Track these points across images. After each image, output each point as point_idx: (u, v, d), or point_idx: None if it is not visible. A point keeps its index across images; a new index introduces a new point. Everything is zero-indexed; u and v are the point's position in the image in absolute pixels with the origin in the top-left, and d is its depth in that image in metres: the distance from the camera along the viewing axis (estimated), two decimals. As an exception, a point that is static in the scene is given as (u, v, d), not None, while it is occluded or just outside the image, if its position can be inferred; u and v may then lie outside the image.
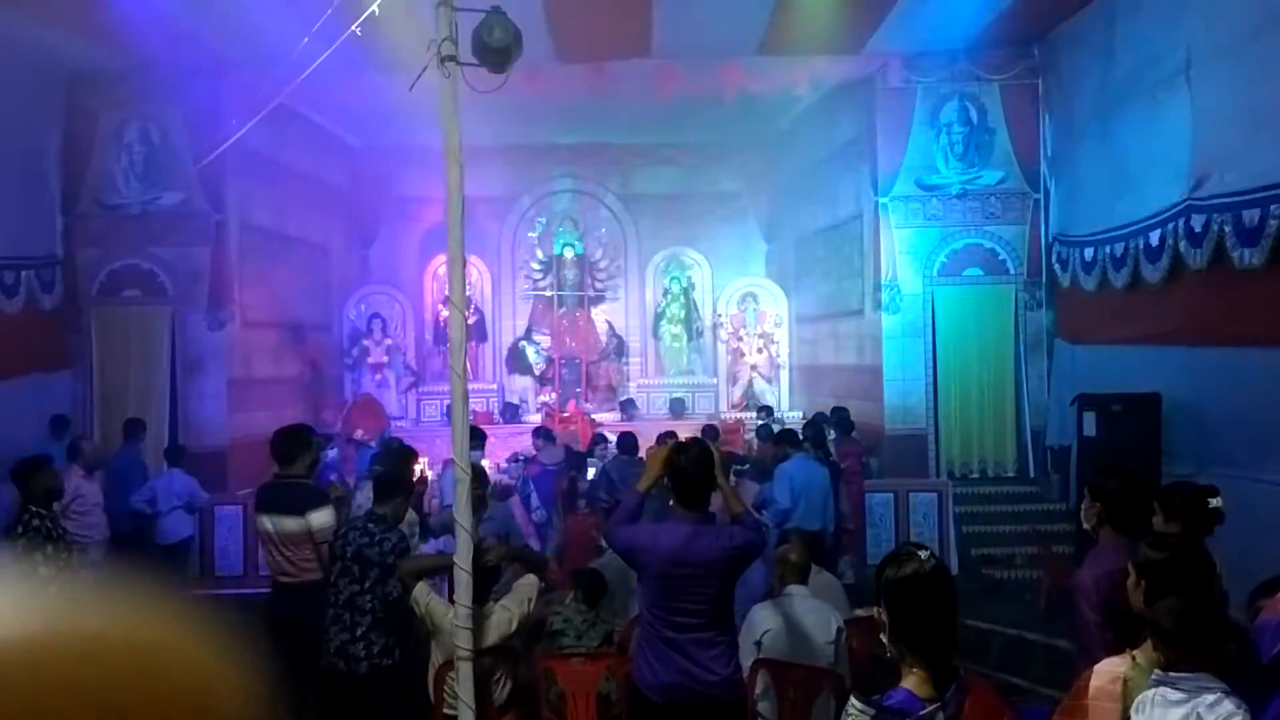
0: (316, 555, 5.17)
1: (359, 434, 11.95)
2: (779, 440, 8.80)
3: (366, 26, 6.67)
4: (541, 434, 10.62)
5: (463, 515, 4.19)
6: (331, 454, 9.50)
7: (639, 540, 3.88)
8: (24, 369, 10.44)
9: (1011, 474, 11.49)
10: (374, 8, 7.09)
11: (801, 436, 8.83)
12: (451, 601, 4.33)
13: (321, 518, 5.17)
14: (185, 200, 11.47)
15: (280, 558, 5.25)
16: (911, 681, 2.29)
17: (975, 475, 11.51)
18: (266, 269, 12.59)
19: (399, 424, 14.03)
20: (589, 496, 9.04)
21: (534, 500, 8.93)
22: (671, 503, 3.96)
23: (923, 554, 2.38)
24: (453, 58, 4.20)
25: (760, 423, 11.51)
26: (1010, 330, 11.57)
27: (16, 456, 5.82)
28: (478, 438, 8.03)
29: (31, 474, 5.43)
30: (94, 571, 7.60)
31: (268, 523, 5.24)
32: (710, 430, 10.21)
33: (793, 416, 14.18)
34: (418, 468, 10.14)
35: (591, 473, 9.73)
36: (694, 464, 3.87)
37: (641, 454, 8.74)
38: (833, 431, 10.09)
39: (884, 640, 2.38)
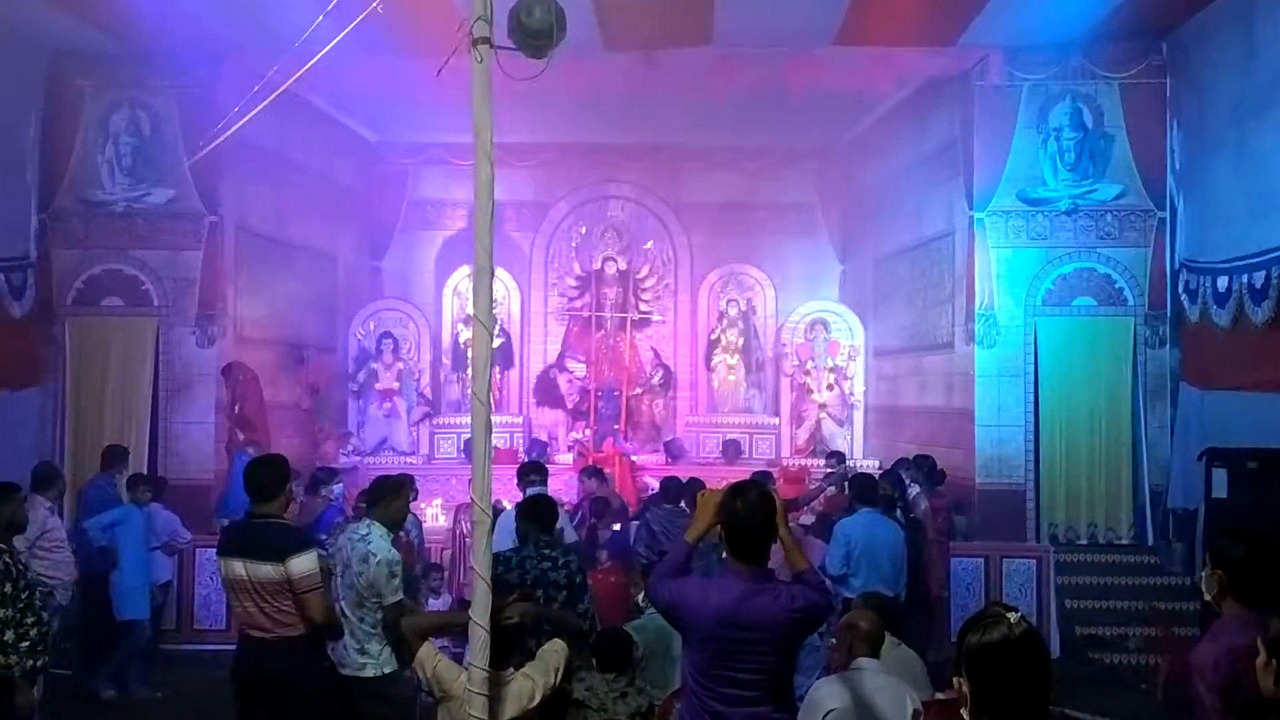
0: (297, 607, 5.18)
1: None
2: (850, 490, 8.74)
3: (388, 3, 6.76)
4: (591, 473, 10.64)
5: (481, 563, 4.21)
6: (337, 489, 9.57)
7: (687, 596, 3.87)
8: (-12, 384, 10.61)
9: (1126, 541, 11.34)
10: (398, -18, 7.17)
11: (879, 487, 8.76)
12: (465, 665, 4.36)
13: (303, 564, 5.16)
14: (176, 198, 11.68)
15: (253, 609, 5.24)
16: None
17: (1082, 541, 11.38)
18: (265, 279, 12.79)
19: (408, 461, 14.15)
20: (615, 550, 9.01)
21: (602, 556, 8.85)
22: (724, 555, 3.96)
23: (1012, 616, 2.37)
24: (486, 40, 4.21)
25: (829, 470, 11.42)
26: (1127, 371, 11.47)
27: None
28: (539, 472, 8.15)
29: (-5, 503, 5.47)
30: (59, 619, 7.77)
31: (240, 568, 5.21)
32: (764, 476, 10.16)
33: (867, 465, 14.10)
34: (425, 511, 10.19)
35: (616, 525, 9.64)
36: (752, 510, 3.86)
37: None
38: (914, 485, 10.01)
39: (965, 718, 2.36)
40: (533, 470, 8.23)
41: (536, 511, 6.22)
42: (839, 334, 15.59)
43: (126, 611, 8.87)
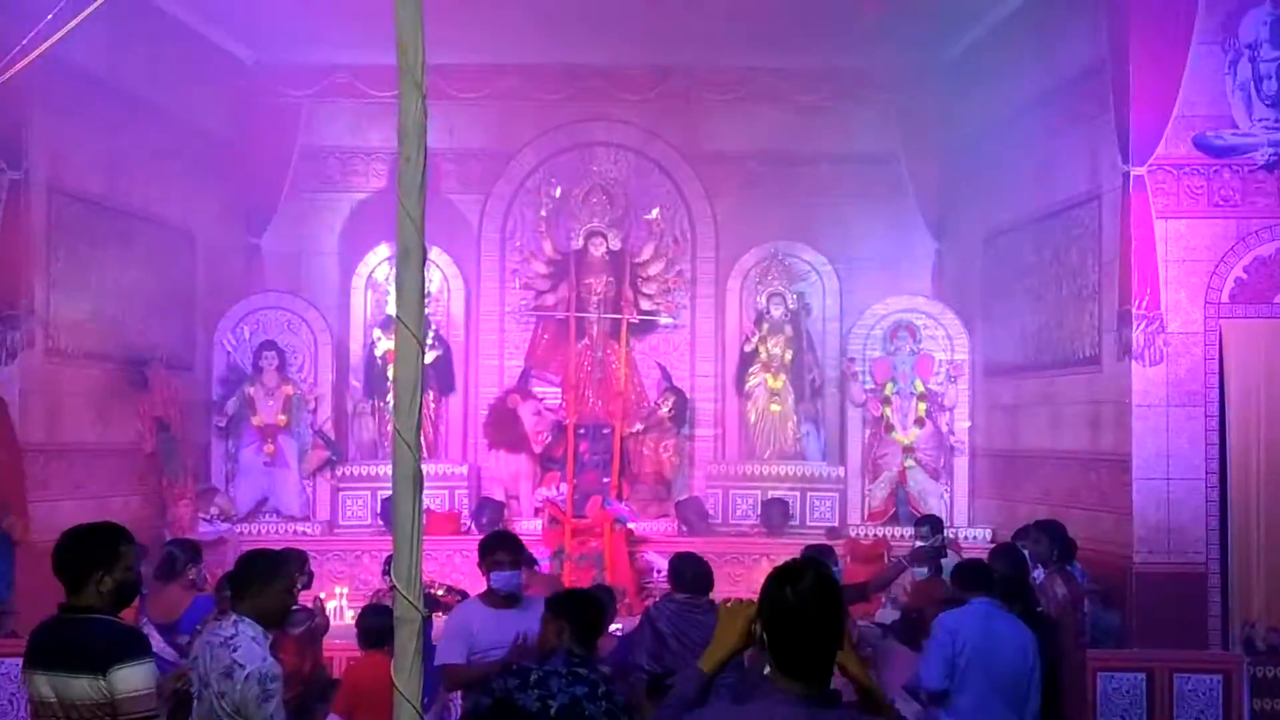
0: None
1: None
2: (954, 575, 8.68)
3: None
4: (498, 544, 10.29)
5: (407, 684, 4.19)
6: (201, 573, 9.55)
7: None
8: None
9: (1355, 648, 11.26)
10: None
11: (993, 571, 8.70)
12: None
13: (133, 678, 5.06)
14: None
15: None
16: None
17: (1291, 649, 11.31)
18: (91, 264, 12.79)
19: (299, 530, 14.25)
20: (619, 661, 8.94)
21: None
22: (767, 671, 3.92)
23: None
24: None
25: (920, 544, 11.34)
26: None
27: None
28: (509, 549, 7.90)
29: None
30: None
31: (44, 684, 5.19)
32: (822, 553, 10.08)
33: (975, 537, 14.05)
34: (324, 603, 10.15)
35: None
36: (807, 602, 3.79)
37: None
38: (1040, 565, 9.97)
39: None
40: (499, 546, 8.04)
41: (578, 609, 6.20)
42: (933, 345, 15.62)
43: None
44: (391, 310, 12.83)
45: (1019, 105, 14.32)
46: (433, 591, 10.83)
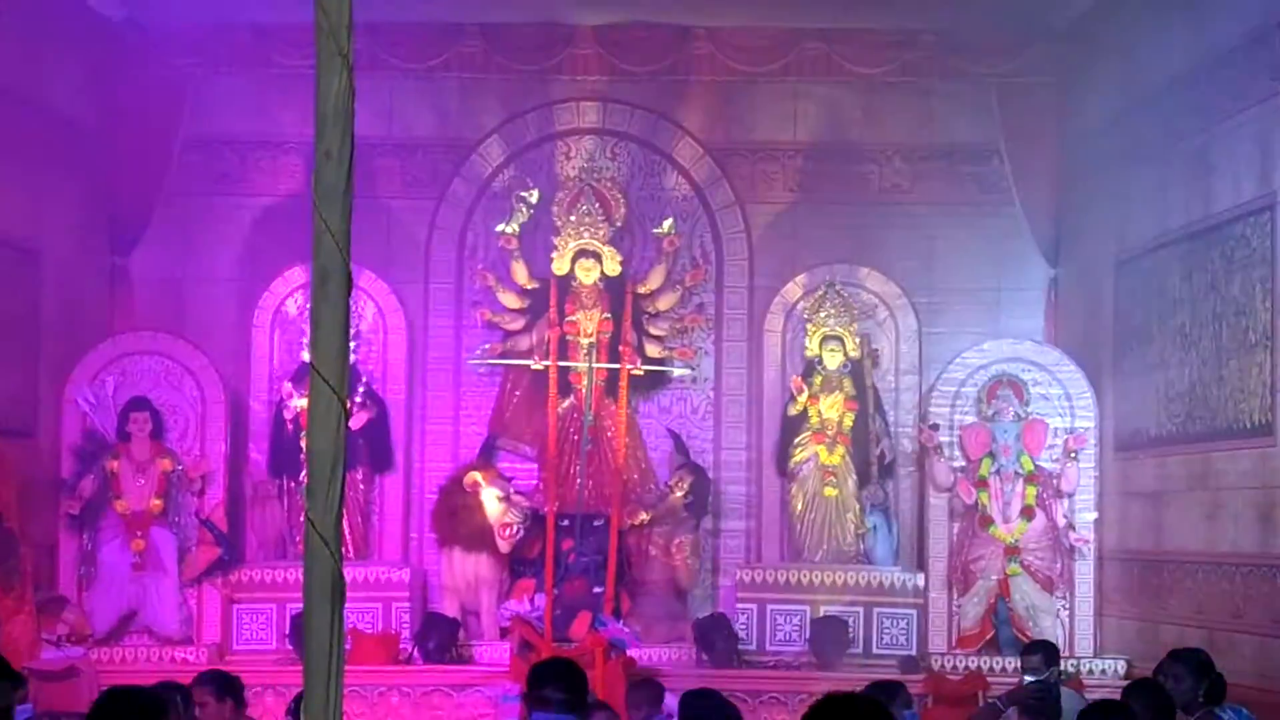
0: None
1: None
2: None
3: None
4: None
5: None
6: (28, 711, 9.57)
7: None
8: None
9: None
10: None
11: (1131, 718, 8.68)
12: None
13: None
14: None
15: None
16: None
17: None
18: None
19: (181, 657, 14.08)
20: None
21: None
22: None
23: None
24: None
25: (1029, 680, 11.29)
26: None
27: None
28: (566, 684, 7.81)
29: None
30: None
31: None
32: (890, 691, 10.06)
33: (1104, 670, 14.09)
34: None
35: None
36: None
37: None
38: (1182, 709, 9.92)
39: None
40: (553, 678, 7.84)
41: None
42: (1046, 407, 15.67)
43: None
44: (307, 356, 12.77)
45: (1161, 84, 14.37)
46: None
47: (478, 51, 16.43)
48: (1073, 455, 15.47)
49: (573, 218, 16.54)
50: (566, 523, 15.81)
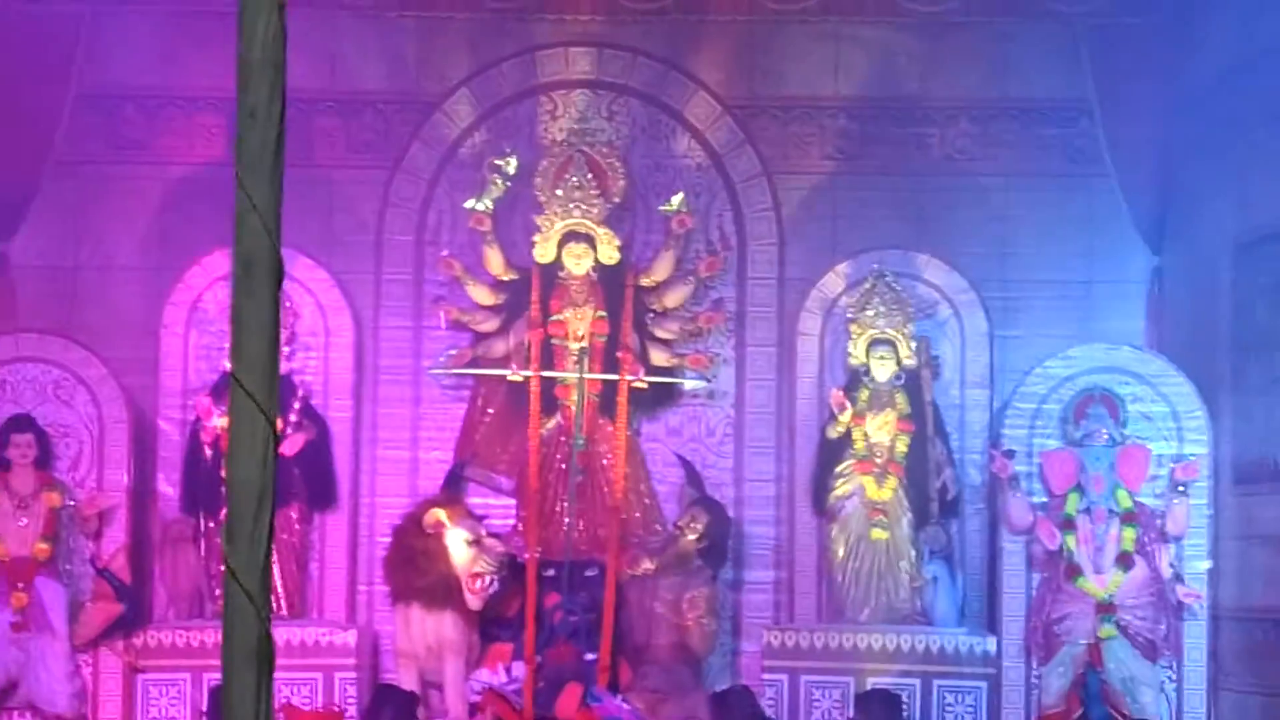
0: None
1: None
2: None
3: None
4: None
5: None
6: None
7: None
8: None
9: None
10: None
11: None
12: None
13: None
14: None
15: None
16: None
17: None
18: None
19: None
20: None
21: None
22: None
23: None
24: None
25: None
26: None
27: None
28: None
29: None
30: None
31: None
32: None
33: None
34: None
35: None
36: None
37: None
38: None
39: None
40: None
41: None
42: (1148, 429, 15.41)
43: None
44: (228, 364, 11.97)
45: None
46: None
47: (437, -1, 16.22)
48: (1181, 489, 15.08)
49: (559, 192, 16.27)
50: (552, 573, 15.44)
